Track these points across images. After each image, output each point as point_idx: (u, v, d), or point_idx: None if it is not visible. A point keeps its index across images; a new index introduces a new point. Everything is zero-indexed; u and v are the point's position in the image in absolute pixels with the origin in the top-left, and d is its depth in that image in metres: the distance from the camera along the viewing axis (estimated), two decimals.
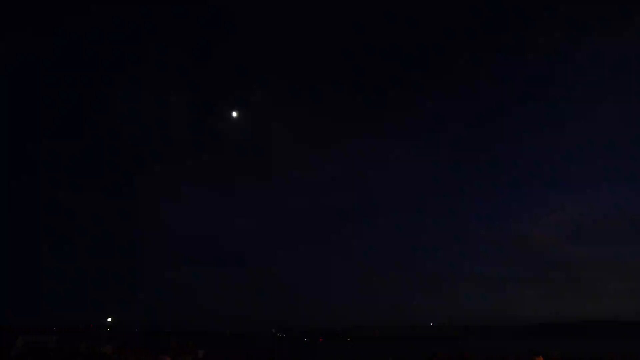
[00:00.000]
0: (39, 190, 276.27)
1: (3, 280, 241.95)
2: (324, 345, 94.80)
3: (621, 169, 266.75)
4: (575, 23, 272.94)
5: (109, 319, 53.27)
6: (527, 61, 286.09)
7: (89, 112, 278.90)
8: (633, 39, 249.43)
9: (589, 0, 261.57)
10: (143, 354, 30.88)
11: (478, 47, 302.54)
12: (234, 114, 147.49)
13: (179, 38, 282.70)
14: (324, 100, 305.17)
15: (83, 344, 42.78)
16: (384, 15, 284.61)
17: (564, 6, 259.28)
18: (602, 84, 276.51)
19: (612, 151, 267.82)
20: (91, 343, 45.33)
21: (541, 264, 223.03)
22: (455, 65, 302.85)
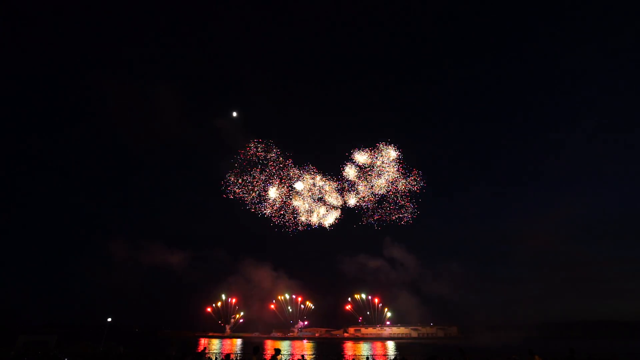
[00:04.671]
0: (35, 189, 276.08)
1: (3, 280, 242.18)
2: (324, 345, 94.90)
3: (621, 169, 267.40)
4: (575, 21, 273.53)
5: (109, 319, 53.18)
6: (528, 59, 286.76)
7: (80, 110, 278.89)
8: (633, 38, 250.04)
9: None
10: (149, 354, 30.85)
11: (477, 45, 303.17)
12: (234, 113, 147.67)
13: (174, 37, 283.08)
14: (318, 99, 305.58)
15: (83, 344, 42.87)
16: (379, 14, 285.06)
17: (564, 5, 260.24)
18: (603, 82, 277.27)
19: (612, 151, 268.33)
20: (91, 343, 45.39)
21: (541, 263, 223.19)
22: (455, 64, 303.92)
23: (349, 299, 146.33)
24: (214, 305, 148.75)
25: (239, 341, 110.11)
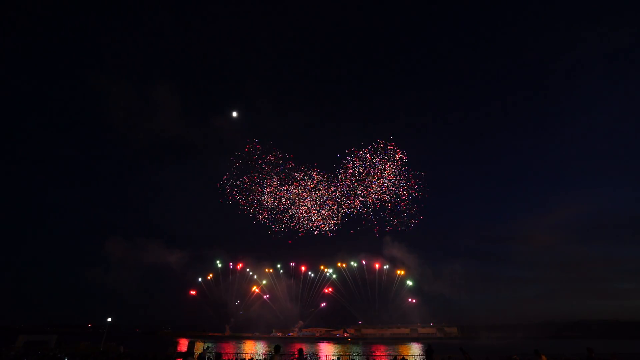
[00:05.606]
0: (35, 190, 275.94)
1: (3, 281, 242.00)
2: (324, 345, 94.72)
3: (621, 169, 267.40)
4: (575, 18, 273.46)
5: (109, 319, 53.12)
6: (527, 57, 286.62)
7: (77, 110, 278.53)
8: (634, 36, 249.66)
9: None
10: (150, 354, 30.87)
11: (476, 43, 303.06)
12: (234, 113, 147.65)
13: (174, 36, 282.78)
14: (318, 100, 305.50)
15: (83, 344, 42.82)
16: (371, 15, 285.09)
17: (562, 2, 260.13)
18: (603, 82, 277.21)
19: (612, 151, 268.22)
20: (91, 343, 45.35)
21: (541, 263, 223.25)
22: (455, 62, 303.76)
23: (327, 273, 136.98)
24: (200, 279, 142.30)
25: (261, 345, 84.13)
